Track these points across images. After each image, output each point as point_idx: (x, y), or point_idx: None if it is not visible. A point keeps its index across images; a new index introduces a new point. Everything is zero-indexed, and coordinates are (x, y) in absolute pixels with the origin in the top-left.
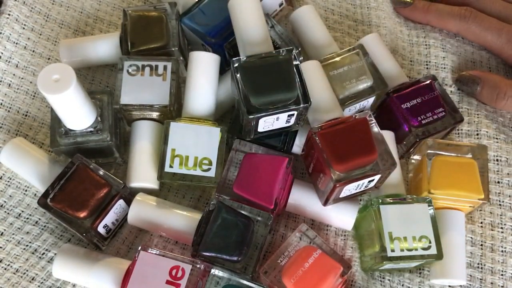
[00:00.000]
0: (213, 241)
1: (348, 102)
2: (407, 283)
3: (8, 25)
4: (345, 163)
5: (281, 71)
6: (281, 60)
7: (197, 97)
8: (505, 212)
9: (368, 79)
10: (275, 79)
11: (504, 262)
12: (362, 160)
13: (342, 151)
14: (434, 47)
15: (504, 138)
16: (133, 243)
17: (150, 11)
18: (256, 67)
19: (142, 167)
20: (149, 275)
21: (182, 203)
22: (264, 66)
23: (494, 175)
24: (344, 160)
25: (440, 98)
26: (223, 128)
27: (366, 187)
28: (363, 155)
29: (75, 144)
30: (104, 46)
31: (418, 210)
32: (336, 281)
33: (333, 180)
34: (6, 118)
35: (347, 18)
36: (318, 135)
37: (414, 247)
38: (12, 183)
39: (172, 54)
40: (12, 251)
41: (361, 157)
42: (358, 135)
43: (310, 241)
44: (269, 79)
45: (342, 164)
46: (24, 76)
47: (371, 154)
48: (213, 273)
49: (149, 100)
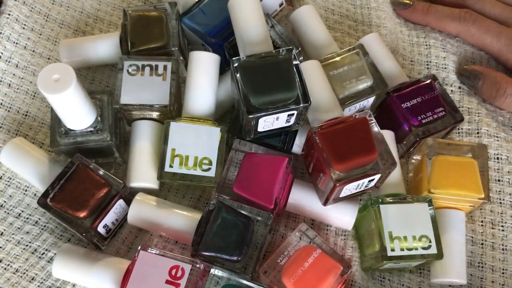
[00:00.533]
0: (213, 241)
1: (348, 102)
2: (407, 283)
3: (8, 25)
4: (345, 162)
5: (281, 71)
6: (281, 60)
7: (197, 97)
8: (506, 210)
9: (368, 79)
10: (275, 78)
11: (505, 260)
12: (362, 160)
13: (342, 150)
14: (435, 47)
15: (505, 137)
16: (133, 243)
17: (150, 11)
18: (256, 66)
19: (142, 167)
20: (149, 274)
21: (182, 203)
22: (264, 66)
23: (495, 173)
24: (344, 159)
25: (440, 98)
26: (223, 128)
27: (366, 186)
28: (363, 154)
29: (75, 144)
30: (104, 46)
31: (418, 210)
32: (336, 281)
33: (333, 179)
34: (6, 118)
35: (347, 18)
36: (318, 134)
37: (414, 247)
38: (12, 183)
39: (172, 54)
40: (12, 251)
41: (361, 156)
42: (358, 135)
43: (310, 241)
44: (269, 79)
45: (342, 164)
46: (24, 76)
47: (371, 153)
48: (212, 272)
49: (149, 100)
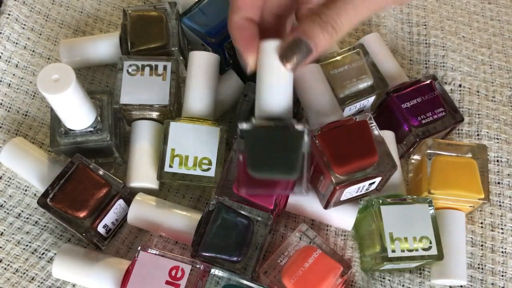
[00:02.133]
0: (213, 242)
1: (348, 101)
2: (407, 283)
3: (8, 25)
4: (346, 165)
5: (288, 148)
6: (291, 135)
7: (197, 97)
8: (505, 213)
9: (368, 78)
10: (279, 156)
11: (504, 263)
12: (362, 163)
13: (342, 153)
14: (434, 45)
15: (505, 138)
16: (133, 243)
17: (150, 11)
18: (264, 136)
19: (142, 167)
20: (149, 275)
21: (182, 203)
22: (273, 137)
23: (495, 176)
24: (345, 162)
25: (440, 98)
26: (223, 128)
27: (367, 190)
28: (363, 157)
29: (75, 144)
30: (104, 46)
31: (418, 211)
32: (336, 281)
33: (333, 183)
34: (6, 118)
35: None
36: (318, 137)
37: (414, 248)
38: (12, 183)
39: (172, 54)
40: (12, 251)
41: (362, 159)
42: (358, 137)
43: (310, 241)
44: (274, 154)
45: (343, 167)
46: (24, 76)
47: (371, 156)
48: (213, 273)
49: (149, 100)
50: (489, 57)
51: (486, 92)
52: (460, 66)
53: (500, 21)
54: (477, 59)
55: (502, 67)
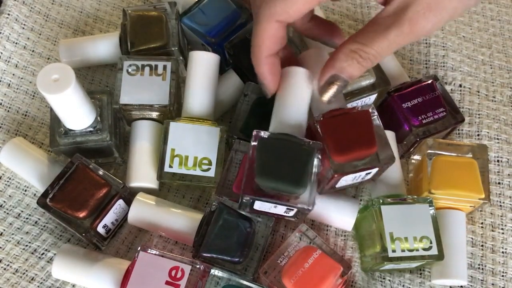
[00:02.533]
0: (214, 243)
1: (349, 98)
2: (407, 283)
3: (8, 25)
4: (345, 154)
5: (298, 162)
6: (302, 150)
7: (197, 97)
8: (506, 213)
9: (371, 76)
10: (289, 168)
11: (505, 263)
12: (361, 152)
13: (342, 141)
14: (434, 45)
15: (506, 138)
16: (133, 243)
17: (150, 11)
18: (275, 147)
19: (142, 167)
20: (149, 275)
21: (182, 203)
22: (284, 150)
23: (495, 176)
24: (344, 151)
25: (441, 98)
26: (223, 128)
27: (363, 179)
28: (363, 147)
29: (75, 144)
30: (103, 46)
31: (419, 211)
32: (336, 281)
33: (332, 170)
34: (5, 118)
35: (347, 17)
36: (319, 123)
37: (415, 248)
38: (11, 183)
39: (171, 54)
40: (12, 251)
41: (361, 149)
42: (359, 127)
43: (310, 241)
44: (283, 166)
45: (342, 155)
46: (24, 76)
47: (370, 146)
48: (213, 273)
49: (149, 100)
50: (490, 57)
51: (486, 92)
52: (460, 66)
53: (500, 21)
54: (478, 59)
55: (502, 67)
